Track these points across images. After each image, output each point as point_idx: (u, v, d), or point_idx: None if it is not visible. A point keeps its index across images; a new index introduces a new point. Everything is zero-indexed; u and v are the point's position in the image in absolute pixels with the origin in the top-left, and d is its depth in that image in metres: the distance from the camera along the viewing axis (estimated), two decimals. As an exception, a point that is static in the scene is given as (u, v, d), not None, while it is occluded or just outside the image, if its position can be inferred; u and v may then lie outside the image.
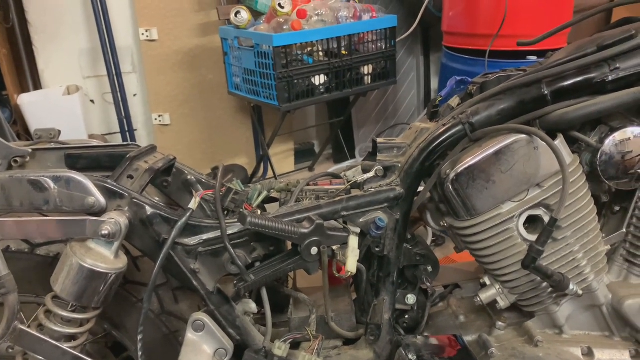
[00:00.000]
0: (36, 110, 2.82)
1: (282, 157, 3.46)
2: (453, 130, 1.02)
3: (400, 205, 1.07)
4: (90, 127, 3.02)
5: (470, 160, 0.98)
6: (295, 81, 2.48)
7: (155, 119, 3.15)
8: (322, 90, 2.59)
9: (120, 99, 2.97)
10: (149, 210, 1.00)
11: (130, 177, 1.08)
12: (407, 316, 1.16)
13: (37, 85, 3.09)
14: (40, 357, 0.94)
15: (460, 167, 0.99)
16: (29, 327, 0.93)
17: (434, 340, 1.10)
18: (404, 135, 1.18)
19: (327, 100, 2.78)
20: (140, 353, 0.93)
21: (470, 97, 1.13)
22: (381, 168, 1.09)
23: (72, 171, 0.96)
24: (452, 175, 0.99)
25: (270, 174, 3.27)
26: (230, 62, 2.80)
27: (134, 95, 3.15)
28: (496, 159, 0.98)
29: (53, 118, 2.76)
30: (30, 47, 2.96)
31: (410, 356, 1.04)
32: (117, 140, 3.09)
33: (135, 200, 0.99)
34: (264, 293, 1.04)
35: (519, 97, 1.00)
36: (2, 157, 1.20)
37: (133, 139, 3.09)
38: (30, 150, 1.23)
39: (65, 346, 0.93)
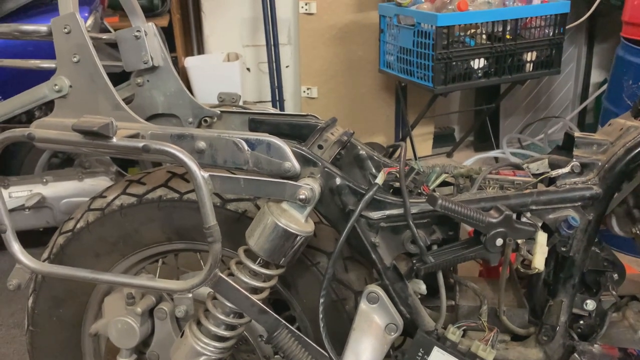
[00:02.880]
0: (199, 73, 3.02)
1: (421, 140, 3.41)
2: (671, 132, 0.93)
3: (595, 205, 1.00)
4: (244, 94, 3.18)
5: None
6: (454, 63, 2.42)
7: (304, 92, 3.24)
8: (479, 75, 2.51)
9: (274, 69, 3.09)
10: (339, 180, 1.03)
11: (320, 146, 1.12)
12: (581, 322, 1.10)
13: (201, 50, 3.31)
14: (230, 304, 1.01)
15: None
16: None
17: (611, 351, 1.04)
18: (603, 131, 1.10)
19: (482, 86, 2.69)
20: (321, 316, 0.97)
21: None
22: (578, 164, 1.03)
23: (273, 136, 1.01)
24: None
25: (408, 156, 3.24)
26: (386, 40, 2.79)
27: (287, 66, 3.25)
28: None
29: (213, 82, 2.95)
30: (199, 13, 3.17)
31: (586, 364, 1.00)
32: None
33: (326, 170, 1.03)
34: (440, 277, 1.04)
35: None
36: (193, 116, 1.31)
37: (282, 108, 3.21)
38: (219, 112, 1.32)
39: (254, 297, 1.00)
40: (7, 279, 1.14)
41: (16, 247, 1.01)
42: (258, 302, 1.00)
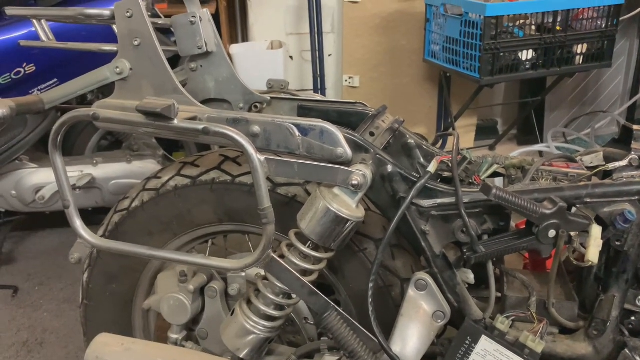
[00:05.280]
0: (243, 60, 3.05)
1: (463, 132, 3.36)
2: None
3: (653, 200, 0.98)
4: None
5: None
6: (502, 54, 2.38)
7: (346, 81, 3.24)
8: (527, 66, 2.46)
9: (317, 57, 3.10)
10: (390, 167, 1.04)
11: (372, 134, 1.13)
12: (633, 318, 1.09)
13: (245, 38, 3.34)
14: (281, 285, 1.04)
15: None
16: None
17: (664, 350, 1.02)
18: (664, 125, 1.08)
19: (530, 78, 2.63)
20: (370, 300, 0.99)
21: None
22: (637, 157, 1.01)
23: (326, 122, 1.02)
24: None
25: (447, 147, 3.22)
26: (431, 30, 2.76)
27: (329, 55, 3.25)
28: None
29: (257, 69, 2.97)
30: (244, 1, 3.20)
31: (638, 359, 0.98)
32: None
33: (378, 156, 1.03)
34: (490, 266, 1.04)
35: None
36: (244, 102, 1.33)
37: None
38: (269, 98, 1.34)
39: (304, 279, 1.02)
40: (56, 256, 1.20)
41: (78, 223, 1.05)
42: (308, 283, 1.02)
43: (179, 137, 1.10)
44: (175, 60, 1.95)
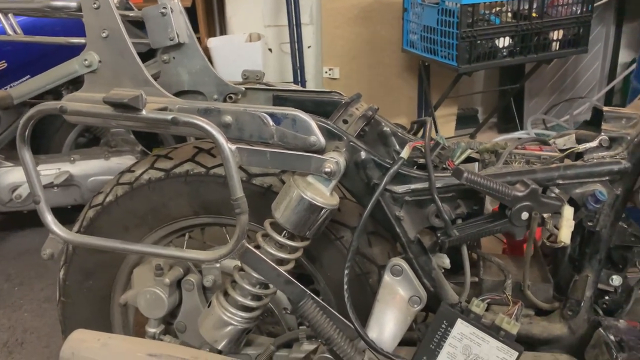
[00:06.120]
0: (222, 53, 3.03)
1: (444, 122, 3.38)
2: None
3: (623, 180, 0.99)
4: (266, 74, 3.18)
5: None
6: (479, 42, 2.39)
7: (326, 72, 3.24)
8: (504, 54, 2.48)
9: (296, 49, 3.09)
10: (364, 154, 1.03)
11: (345, 121, 1.13)
12: (607, 297, 1.10)
13: (223, 31, 3.32)
14: (257, 275, 1.03)
15: None
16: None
17: (637, 327, 1.03)
18: (633, 105, 1.09)
19: (507, 65, 2.65)
20: (345, 287, 0.99)
21: None
22: (606, 138, 1.01)
23: (299, 110, 1.02)
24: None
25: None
26: (409, 19, 2.77)
27: (308, 47, 3.25)
28: None
29: (235, 62, 2.96)
30: (221, -6, 3.18)
31: (611, 338, 0.99)
32: (289, 89, 3.23)
33: (352, 144, 1.03)
34: (464, 250, 1.04)
35: None
36: (218, 93, 1.32)
37: (304, 89, 3.21)
38: (244, 89, 1.33)
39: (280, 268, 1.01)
40: (36, 255, 1.18)
41: (49, 218, 1.04)
42: (284, 272, 1.02)
43: (151, 128, 1.08)
44: (152, 54, 1.93)
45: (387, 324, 1.02)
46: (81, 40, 1.20)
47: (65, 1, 1.17)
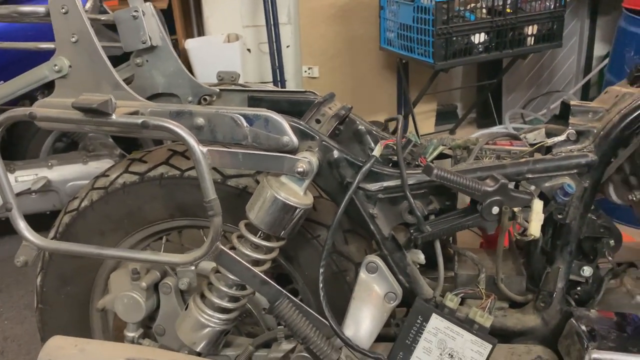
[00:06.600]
0: (199, 54, 3.01)
1: (423, 118, 3.40)
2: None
3: (591, 173, 1.01)
4: (245, 75, 3.17)
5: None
6: (454, 38, 2.41)
7: (305, 71, 3.24)
8: (480, 50, 2.50)
9: (275, 49, 3.08)
10: (336, 153, 1.04)
11: (318, 121, 1.13)
12: (579, 288, 1.12)
13: (201, 32, 3.30)
14: (233, 277, 1.04)
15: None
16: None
17: (608, 316, 1.06)
18: (600, 99, 1.11)
19: (483, 60, 2.68)
20: (321, 285, 0.99)
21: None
22: (574, 132, 1.03)
23: (271, 111, 1.02)
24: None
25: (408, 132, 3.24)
26: (386, 17, 2.78)
27: (287, 46, 3.24)
28: None
29: (214, 63, 2.94)
30: (198, -6, 3.16)
31: (583, 328, 1.01)
32: (269, 89, 3.23)
33: (324, 143, 1.04)
34: (437, 245, 1.05)
35: None
36: (193, 95, 1.32)
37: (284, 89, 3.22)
38: (218, 90, 1.33)
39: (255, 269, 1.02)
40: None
41: (22, 225, 1.03)
42: (259, 273, 1.02)
43: (123, 133, 1.08)
44: (127, 57, 1.91)
45: (364, 321, 1.02)
46: (50, 45, 1.19)
47: (33, 6, 1.16)
